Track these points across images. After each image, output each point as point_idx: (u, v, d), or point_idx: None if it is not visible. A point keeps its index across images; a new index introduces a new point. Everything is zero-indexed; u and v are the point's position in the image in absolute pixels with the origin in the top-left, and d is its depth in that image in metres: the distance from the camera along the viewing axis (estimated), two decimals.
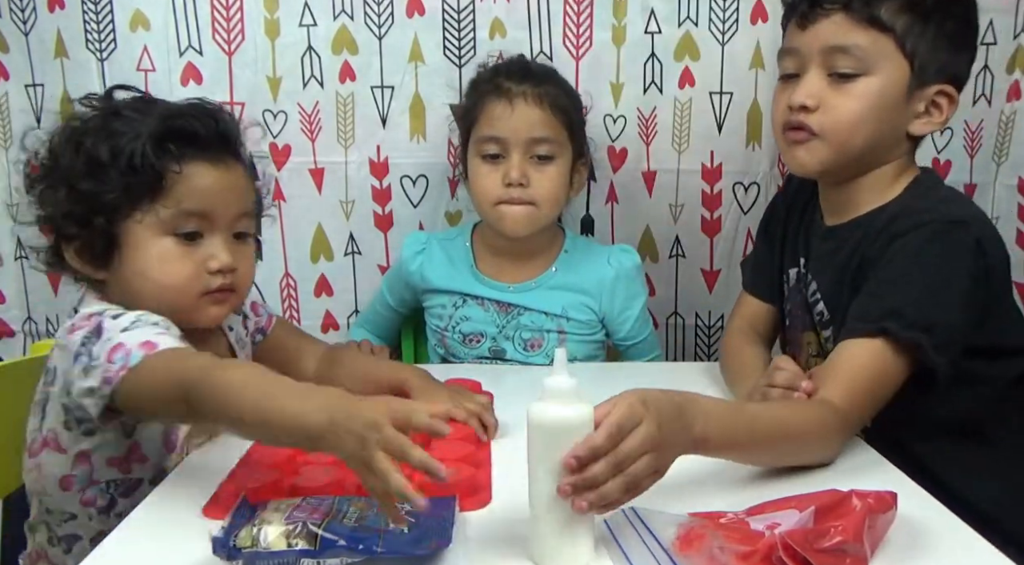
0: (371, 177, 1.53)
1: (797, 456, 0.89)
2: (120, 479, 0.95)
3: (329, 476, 0.81)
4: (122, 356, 0.83)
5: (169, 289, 0.93)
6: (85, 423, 0.91)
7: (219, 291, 0.96)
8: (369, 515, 0.71)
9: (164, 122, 0.93)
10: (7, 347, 1.57)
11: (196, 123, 0.94)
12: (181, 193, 0.92)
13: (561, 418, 0.67)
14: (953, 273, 0.98)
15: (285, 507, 0.70)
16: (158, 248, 0.93)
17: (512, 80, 1.33)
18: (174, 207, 0.92)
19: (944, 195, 1.09)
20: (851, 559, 0.65)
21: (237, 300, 1.01)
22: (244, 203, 0.99)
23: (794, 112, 1.06)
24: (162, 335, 0.86)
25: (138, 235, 0.93)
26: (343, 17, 1.47)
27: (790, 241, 1.21)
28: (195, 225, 0.94)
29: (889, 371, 0.96)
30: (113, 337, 0.86)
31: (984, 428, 1.06)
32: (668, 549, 0.67)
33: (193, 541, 0.69)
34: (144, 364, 0.82)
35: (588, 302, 1.38)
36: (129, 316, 0.88)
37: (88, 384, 0.85)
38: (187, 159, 0.93)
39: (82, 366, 0.86)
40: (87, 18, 1.43)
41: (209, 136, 0.95)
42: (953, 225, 1.00)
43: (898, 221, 1.02)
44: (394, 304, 1.49)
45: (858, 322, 0.98)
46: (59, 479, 0.95)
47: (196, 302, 0.95)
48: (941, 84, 1.05)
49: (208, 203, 0.94)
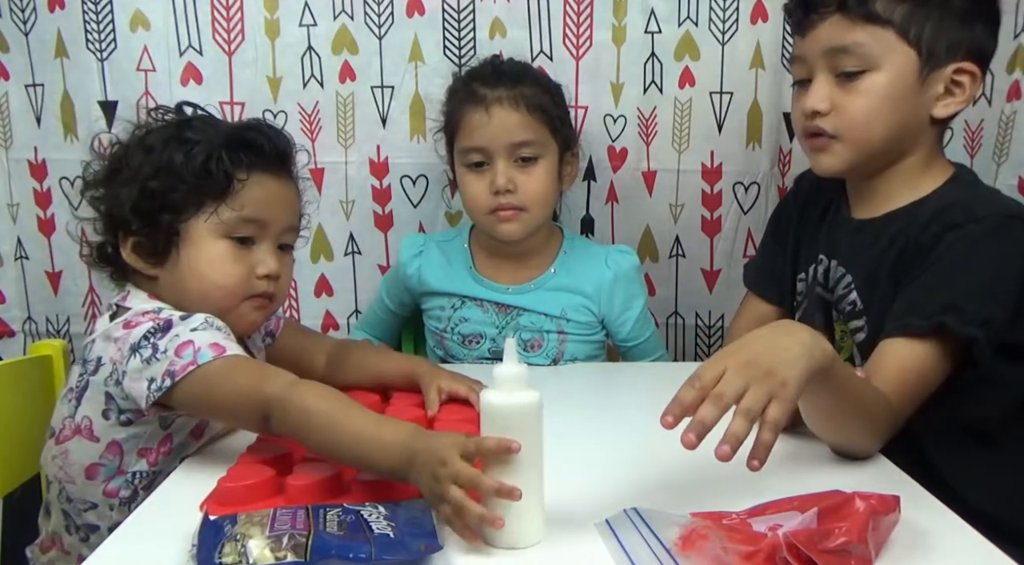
0: (371, 177, 1.53)
1: (853, 433, 0.90)
2: (146, 471, 0.97)
3: (323, 473, 0.81)
4: (191, 353, 0.88)
5: (220, 288, 0.97)
6: (126, 413, 0.94)
7: (260, 297, 1.00)
8: (349, 521, 0.70)
9: (237, 132, 1.01)
10: (7, 347, 1.57)
11: (263, 138, 1.01)
12: (244, 199, 0.97)
13: (509, 404, 0.70)
14: (1008, 268, 0.97)
15: (259, 519, 0.69)
16: (216, 249, 0.97)
17: (486, 85, 1.31)
18: (236, 211, 0.97)
19: (990, 190, 1.10)
20: (855, 560, 0.65)
21: (274, 308, 1.05)
22: (293, 217, 1.05)
23: (809, 118, 1.07)
24: (229, 340, 0.92)
25: (199, 235, 0.97)
26: (343, 17, 1.47)
27: (806, 240, 1.21)
28: (251, 231, 0.99)
29: (939, 367, 0.95)
30: (182, 334, 0.90)
31: (997, 431, 1.05)
32: (670, 549, 0.67)
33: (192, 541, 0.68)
34: (214, 365, 0.87)
35: (587, 304, 1.38)
36: (198, 317, 0.93)
37: (148, 374, 0.89)
38: (254, 169, 0.99)
39: (143, 358, 0.90)
40: (87, 18, 1.44)
41: (273, 151, 1.02)
42: (1011, 220, 0.99)
43: (951, 211, 1.01)
44: (393, 307, 1.49)
45: (912, 317, 0.96)
46: (86, 467, 0.97)
47: (240, 305, 0.99)
48: (958, 62, 1.04)
49: (265, 212, 0.99)
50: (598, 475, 0.88)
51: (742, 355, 0.78)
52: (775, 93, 1.50)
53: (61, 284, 1.54)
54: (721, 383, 0.75)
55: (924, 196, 1.07)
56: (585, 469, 0.88)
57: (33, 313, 1.56)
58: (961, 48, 1.04)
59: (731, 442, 0.72)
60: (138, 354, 0.90)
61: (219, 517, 0.72)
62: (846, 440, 0.90)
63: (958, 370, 0.97)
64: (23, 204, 1.54)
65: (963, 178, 1.09)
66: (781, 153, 1.54)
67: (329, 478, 0.81)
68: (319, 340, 1.21)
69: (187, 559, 0.68)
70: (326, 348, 1.18)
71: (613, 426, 1.07)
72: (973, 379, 0.96)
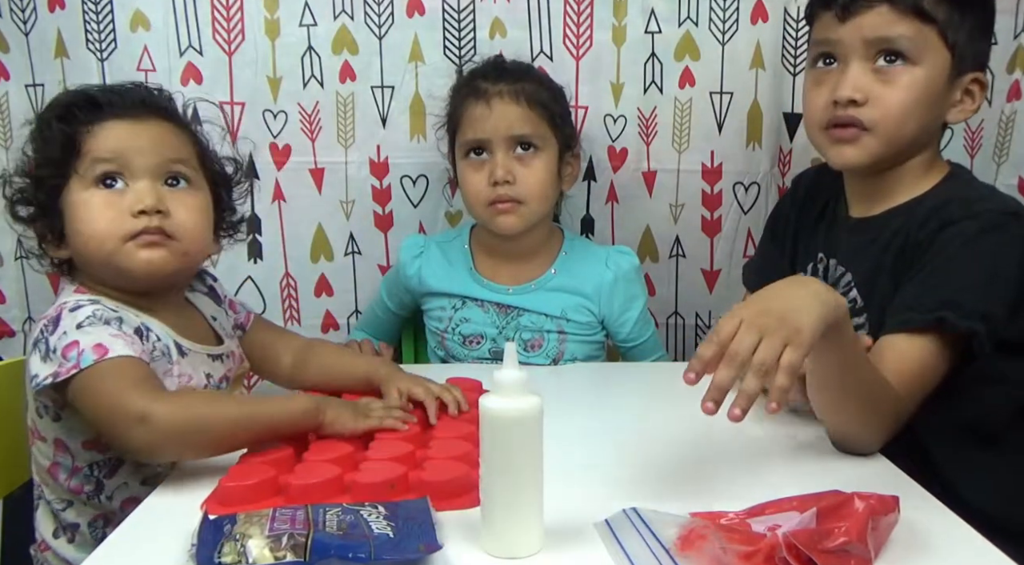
0: (371, 177, 1.52)
1: (856, 413, 0.90)
2: (101, 460, 0.97)
3: (324, 473, 0.81)
4: (75, 355, 0.87)
5: (92, 236, 0.95)
6: (51, 409, 0.95)
7: (146, 233, 0.95)
8: (349, 521, 0.70)
9: (74, 96, 1.01)
10: (7, 347, 1.57)
11: (98, 93, 1.00)
12: (92, 145, 0.96)
13: (510, 410, 0.69)
14: (1006, 264, 0.98)
15: (258, 519, 0.69)
16: (85, 200, 0.95)
17: (488, 80, 1.34)
18: (88, 160, 0.95)
19: (987, 187, 1.11)
20: (855, 560, 0.65)
21: (179, 249, 0.98)
22: (171, 150, 0.99)
23: (840, 107, 1.05)
24: (116, 338, 0.90)
25: (73, 199, 0.96)
26: (343, 17, 1.46)
27: (804, 239, 1.21)
28: (111, 169, 0.96)
29: (939, 362, 0.95)
30: (69, 332, 0.90)
31: (999, 430, 1.05)
32: (669, 549, 0.67)
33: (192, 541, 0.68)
34: (95, 370, 0.86)
35: (587, 305, 1.38)
36: (86, 310, 0.92)
37: (46, 371, 0.89)
38: (97, 120, 0.97)
39: (40, 354, 0.90)
40: (87, 18, 1.43)
41: (119, 101, 0.99)
42: (1007, 216, 1.00)
43: (948, 208, 1.01)
44: (393, 307, 1.49)
45: (912, 312, 0.97)
46: (47, 468, 0.98)
47: (122, 247, 0.95)
48: (975, 72, 1.06)
49: (121, 148, 0.96)
50: (597, 475, 0.88)
51: (757, 305, 0.80)
52: (775, 93, 1.50)
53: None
54: (735, 340, 0.76)
55: (922, 194, 1.07)
56: (584, 469, 0.88)
57: (33, 313, 1.56)
58: (979, 59, 1.06)
59: (742, 403, 0.74)
60: (37, 349, 0.91)
61: (219, 517, 0.72)
62: (849, 421, 0.90)
63: (959, 369, 0.97)
64: None
65: (960, 176, 1.10)
66: (781, 153, 1.54)
67: (330, 478, 0.81)
68: (286, 338, 1.20)
69: (187, 559, 0.68)
70: (293, 347, 1.17)
71: (613, 426, 1.07)
72: (974, 378, 0.96)
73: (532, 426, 0.70)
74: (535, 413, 0.70)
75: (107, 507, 0.98)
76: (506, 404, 0.69)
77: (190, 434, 0.85)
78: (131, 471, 0.98)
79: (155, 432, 0.83)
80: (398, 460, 0.85)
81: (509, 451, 0.70)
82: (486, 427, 0.70)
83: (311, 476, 0.81)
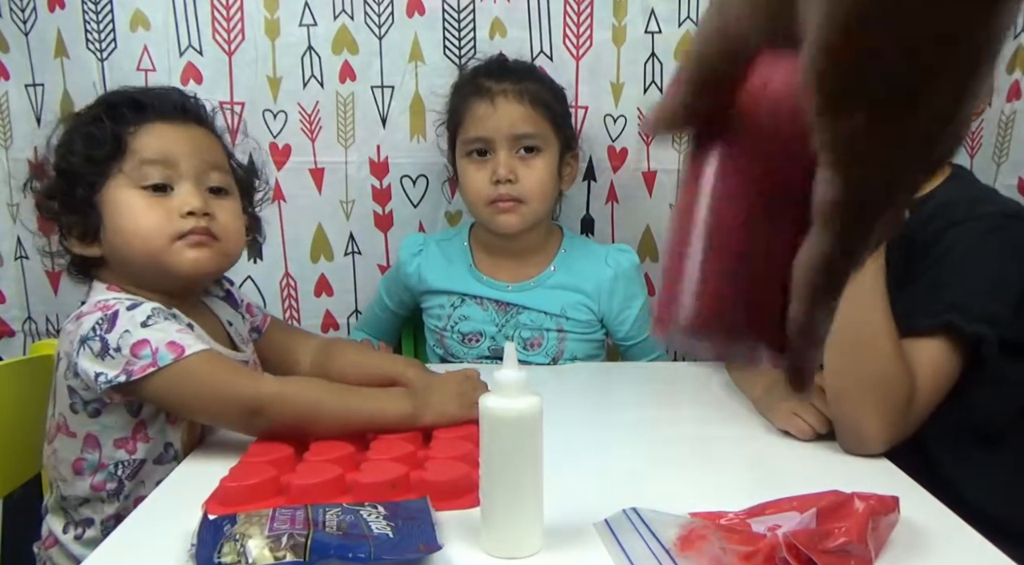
0: (371, 177, 1.52)
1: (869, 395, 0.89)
2: (126, 461, 0.98)
3: (325, 473, 0.81)
4: (149, 353, 0.88)
5: (139, 235, 0.96)
6: (91, 404, 0.95)
7: (194, 234, 0.97)
8: (349, 521, 0.70)
9: (119, 96, 1.02)
10: (7, 347, 1.57)
11: (149, 96, 1.02)
12: (139, 146, 0.97)
13: (510, 410, 0.69)
14: (1010, 266, 0.98)
15: (258, 519, 0.69)
16: (130, 200, 0.96)
17: (492, 79, 1.34)
18: (135, 160, 0.97)
19: (988, 189, 1.10)
20: (855, 560, 0.65)
21: (221, 250, 1.01)
22: (210, 155, 1.02)
23: None
24: (184, 334, 0.92)
25: (114, 197, 0.97)
26: (343, 17, 1.46)
27: None
28: (159, 174, 0.97)
29: (948, 365, 0.96)
30: (133, 330, 0.90)
31: (1002, 431, 1.05)
32: (669, 550, 0.67)
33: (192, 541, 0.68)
34: (177, 368, 0.88)
35: (587, 302, 1.38)
36: (144, 308, 0.92)
37: (102, 370, 0.89)
38: (143, 121, 0.99)
39: (93, 351, 0.90)
40: (87, 18, 1.43)
41: (162, 104, 1.01)
42: (1010, 219, 1.00)
43: (952, 209, 1.02)
44: (393, 306, 1.49)
45: (919, 317, 0.97)
46: (72, 463, 0.97)
47: (170, 246, 0.96)
48: None
49: (168, 151, 0.98)
50: (597, 475, 0.88)
51: None
52: None
53: (61, 284, 1.53)
54: None
55: (925, 194, 1.07)
56: (584, 469, 0.89)
57: (33, 313, 1.56)
58: None
59: None
60: (87, 347, 0.90)
61: (218, 517, 0.72)
62: (861, 405, 0.88)
63: (963, 371, 0.97)
64: (23, 204, 1.53)
65: (962, 177, 1.10)
66: None
67: (331, 478, 0.81)
68: (305, 338, 1.21)
69: (187, 559, 0.68)
70: (311, 346, 1.17)
71: (612, 426, 1.07)
72: (975, 379, 0.96)
73: (532, 426, 0.70)
74: (535, 413, 0.70)
75: (123, 506, 0.99)
76: (506, 404, 0.69)
77: (302, 424, 0.92)
78: (149, 473, 0.98)
79: (273, 420, 0.90)
80: (399, 460, 0.85)
81: (509, 451, 0.70)
82: (486, 427, 0.70)
83: (312, 476, 0.81)
